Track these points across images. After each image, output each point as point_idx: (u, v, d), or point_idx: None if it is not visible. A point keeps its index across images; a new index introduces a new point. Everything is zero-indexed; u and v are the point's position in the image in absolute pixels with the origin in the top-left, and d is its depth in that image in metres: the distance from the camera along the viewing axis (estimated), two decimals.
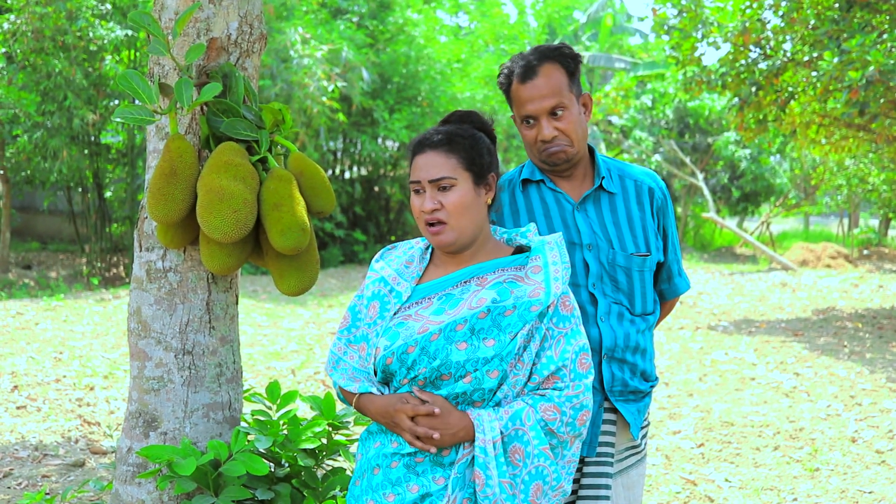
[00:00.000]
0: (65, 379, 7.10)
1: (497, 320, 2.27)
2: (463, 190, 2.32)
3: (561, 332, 2.33)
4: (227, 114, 2.75)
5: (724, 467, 5.54)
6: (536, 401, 2.30)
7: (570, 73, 2.61)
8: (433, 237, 2.34)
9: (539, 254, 2.37)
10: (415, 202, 2.35)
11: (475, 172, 2.35)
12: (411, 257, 2.45)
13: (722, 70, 11.44)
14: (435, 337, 2.27)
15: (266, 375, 7.55)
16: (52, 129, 12.68)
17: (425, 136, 2.37)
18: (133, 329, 2.93)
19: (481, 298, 2.30)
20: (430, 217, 2.32)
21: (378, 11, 18.14)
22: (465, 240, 2.35)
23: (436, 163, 2.32)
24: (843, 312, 12.26)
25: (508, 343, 2.25)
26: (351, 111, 17.20)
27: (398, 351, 2.29)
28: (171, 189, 2.63)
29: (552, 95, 2.57)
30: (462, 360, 2.25)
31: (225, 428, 2.96)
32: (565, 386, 2.31)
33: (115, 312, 10.62)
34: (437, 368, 2.26)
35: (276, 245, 2.65)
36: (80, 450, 5.36)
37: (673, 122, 23.65)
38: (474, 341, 2.26)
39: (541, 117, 2.59)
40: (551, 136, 2.59)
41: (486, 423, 2.25)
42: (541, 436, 2.27)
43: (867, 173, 20.35)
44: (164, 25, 2.85)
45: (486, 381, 2.26)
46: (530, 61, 2.60)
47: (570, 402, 2.30)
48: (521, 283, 2.34)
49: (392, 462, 2.32)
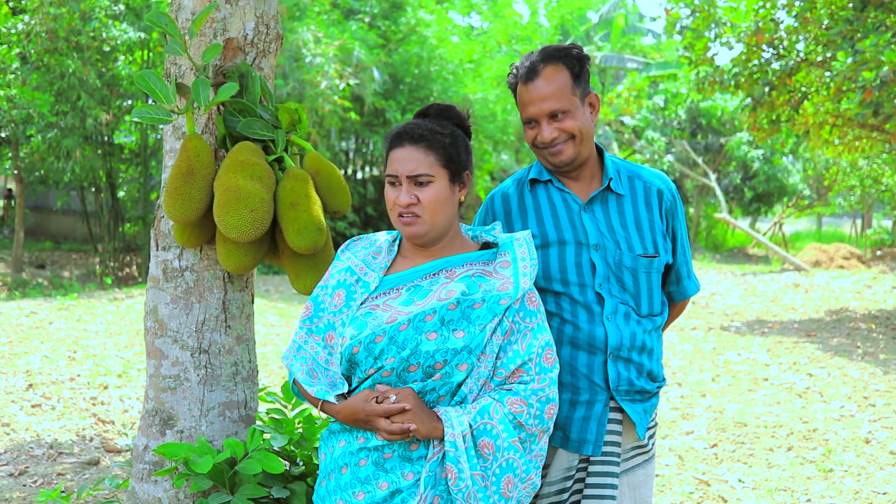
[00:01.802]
0: (79, 378, 7.13)
1: (466, 313, 2.28)
2: (439, 187, 2.34)
3: (527, 327, 2.35)
4: (244, 113, 2.77)
5: (737, 468, 5.53)
6: (503, 395, 2.31)
7: (574, 75, 2.60)
8: (405, 228, 2.35)
9: (508, 249, 2.40)
10: (389, 194, 2.36)
11: (452, 170, 2.37)
12: (378, 248, 2.46)
13: (735, 70, 11.41)
14: (404, 327, 2.28)
15: (279, 375, 7.56)
16: (65, 129, 12.73)
17: (404, 129, 2.38)
18: (149, 328, 2.94)
19: (450, 290, 2.32)
20: (405, 210, 2.33)
21: (390, 12, 18.15)
22: (435, 234, 2.37)
23: (414, 158, 2.33)
24: (856, 313, 12.21)
25: (478, 334, 2.26)
26: (363, 111, 17.22)
27: (366, 340, 2.29)
28: (188, 188, 2.64)
29: (552, 98, 2.56)
30: (432, 349, 2.26)
31: (241, 426, 2.97)
32: (531, 379, 2.32)
33: (129, 312, 10.66)
34: (406, 359, 2.26)
35: (293, 244, 2.66)
36: (95, 448, 5.38)
37: (685, 122, 23.60)
38: (444, 332, 2.27)
39: (540, 119, 2.59)
40: (550, 139, 2.59)
41: (454, 418, 2.25)
42: (509, 429, 2.28)
43: (881, 174, 20.26)
44: (181, 25, 2.87)
45: (456, 374, 2.27)
46: (534, 62, 2.59)
47: (537, 395, 2.32)
48: (490, 277, 2.36)
49: (360, 460, 2.32)
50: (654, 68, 24.85)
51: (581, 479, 2.63)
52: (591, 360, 2.60)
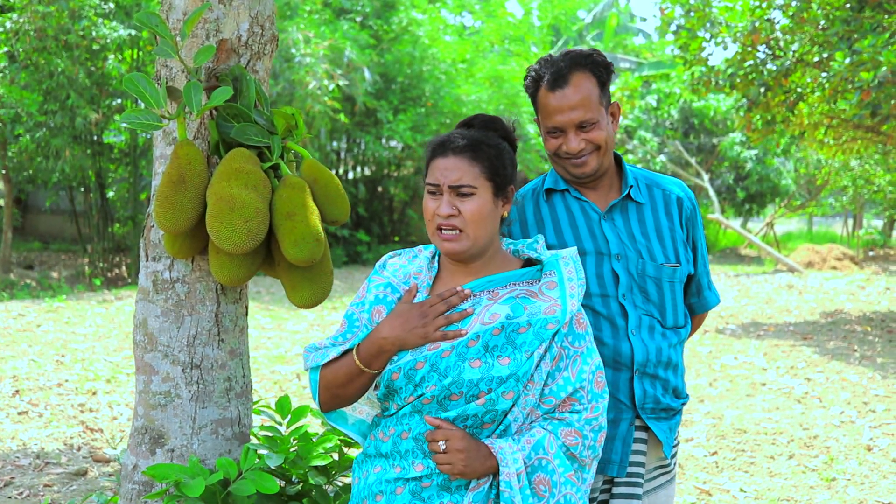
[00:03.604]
0: (67, 383, 7.01)
1: (511, 337, 2.15)
2: (483, 199, 2.20)
3: (577, 352, 2.23)
4: (238, 118, 2.64)
5: (738, 476, 5.44)
6: (556, 426, 2.19)
7: (601, 84, 2.48)
8: (444, 243, 2.21)
9: (554, 269, 2.26)
10: (429, 204, 2.22)
11: (496, 183, 2.24)
12: (419, 268, 2.33)
13: (730, 70, 11.33)
14: (447, 353, 2.15)
15: (271, 380, 7.45)
16: (54, 128, 12.60)
17: (449, 138, 2.25)
18: (139, 342, 2.82)
19: (494, 314, 2.18)
20: (445, 223, 2.19)
21: (382, 11, 18.03)
22: (476, 250, 2.23)
23: (458, 168, 2.19)
24: (850, 315, 12.16)
25: (525, 362, 2.13)
26: (354, 111, 17.10)
27: (405, 367, 2.18)
28: (180, 197, 2.52)
29: (581, 108, 2.44)
30: (476, 378, 2.13)
31: (234, 444, 2.85)
32: (583, 408, 2.20)
33: (118, 314, 10.53)
34: (447, 387, 2.14)
35: (290, 256, 2.53)
36: (83, 458, 5.26)
37: (678, 122, 23.55)
38: (488, 359, 2.14)
39: (568, 130, 2.47)
40: (578, 150, 2.47)
41: (508, 455, 2.13)
42: (565, 462, 2.17)
43: (873, 174, 20.24)
44: (172, 26, 2.74)
45: (501, 402, 2.14)
46: (561, 68, 2.46)
47: (590, 425, 2.20)
48: (535, 298, 2.22)
49: (396, 488, 2.20)
50: (646, 68, 24.79)
51: (604, 501, 2.53)
52: (617, 378, 2.49)
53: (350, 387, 2.26)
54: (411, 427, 2.21)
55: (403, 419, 2.22)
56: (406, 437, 2.21)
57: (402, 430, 2.22)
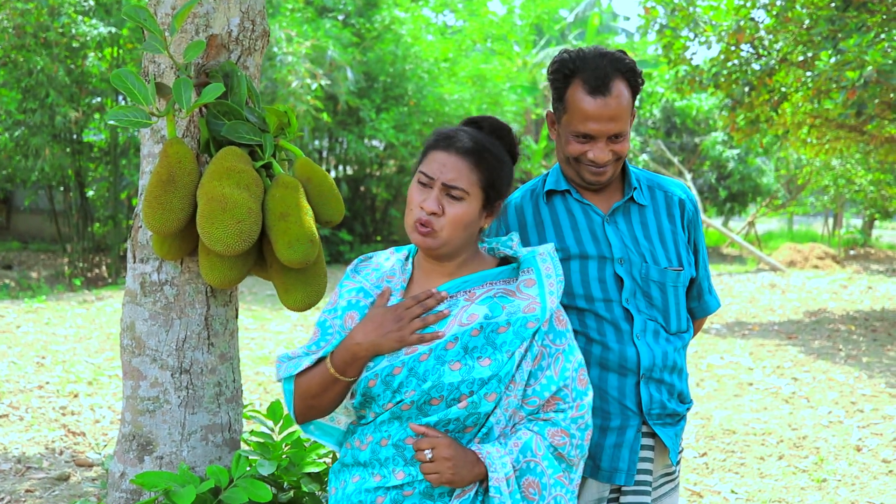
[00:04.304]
0: (48, 385, 6.90)
1: (491, 338, 2.09)
2: (470, 207, 2.14)
3: (559, 349, 2.17)
4: (229, 116, 2.56)
5: (729, 478, 5.40)
6: (542, 427, 2.13)
7: (634, 94, 2.40)
8: (417, 235, 2.13)
9: (531, 266, 2.20)
10: (416, 194, 2.15)
11: (489, 196, 2.17)
12: (392, 270, 2.25)
13: (714, 70, 11.30)
14: (425, 357, 2.09)
15: (255, 381, 7.36)
16: (33, 126, 12.46)
17: (456, 134, 2.16)
18: (126, 346, 2.74)
19: (472, 314, 2.12)
20: (426, 218, 2.12)
21: (365, 9, 17.94)
22: (448, 250, 2.17)
23: (457, 168, 2.12)
24: (834, 314, 12.18)
25: (506, 362, 2.07)
26: (337, 110, 17.01)
27: (382, 373, 2.10)
28: (169, 197, 2.44)
29: (620, 119, 2.35)
30: (456, 381, 2.06)
31: (224, 451, 2.77)
32: (569, 407, 2.15)
33: (99, 315, 10.41)
34: (427, 391, 2.07)
35: (283, 258, 2.46)
36: (65, 462, 5.15)
37: (660, 121, 23.58)
38: (468, 361, 2.07)
39: (599, 139, 2.37)
40: (606, 161, 2.39)
41: (496, 460, 2.06)
42: (554, 464, 2.12)
43: (854, 174, 20.32)
44: (161, 21, 2.67)
45: (483, 404, 2.07)
46: (605, 73, 2.34)
47: (577, 424, 2.15)
48: (513, 297, 2.16)
49: (377, 498, 2.12)
50: None
51: None
52: (623, 383, 2.42)
53: (325, 396, 2.18)
54: (391, 434, 2.13)
55: (382, 426, 2.15)
56: (385, 444, 2.14)
57: (381, 438, 2.14)
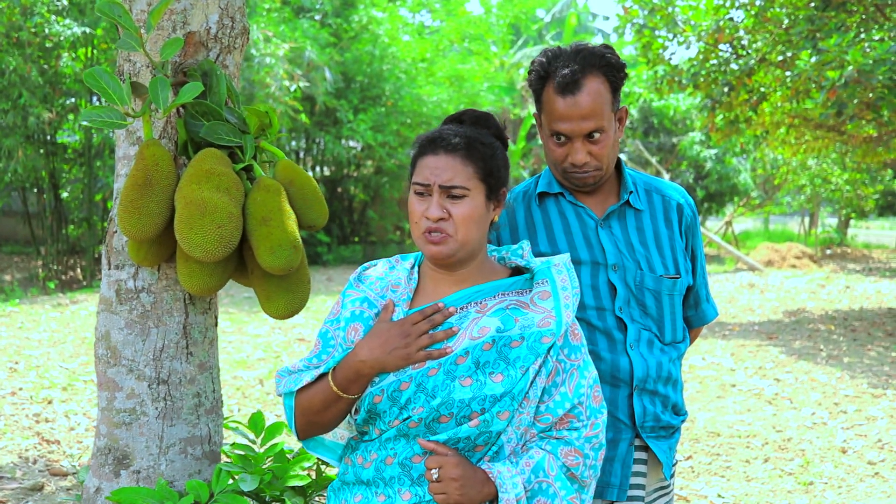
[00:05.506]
0: (21, 392, 6.75)
1: (503, 352, 1.98)
2: (475, 202, 2.03)
3: (573, 365, 2.06)
4: (208, 117, 2.46)
5: (715, 481, 5.34)
6: (555, 445, 2.03)
7: (613, 89, 2.30)
8: (431, 246, 2.03)
9: (546, 277, 2.09)
10: (416, 206, 2.04)
11: (490, 185, 2.07)
12: (398, 279, 2.14)
13: (693, 70, 11.27)
14: (434, 372, 1.98)
15: (233, 385, 7.24)
16: (6, 127, 12.29)
17: (440, 134, 2.07)
18: (101, 356, 2.63)
19: (483, 327, 2.02)
20: (434, 226, 2.01)
21: (342, 9, 17.84)
22: (464, 255, 2.06)
23: (451, 167, 2.02)
24: (813, 314, 12.19)
25: (520, 379, 1.97)
26: (314, 111, 16.89)
27: (389, 388, 2.00)
28: (146, 201, 2.34)
29: (593, 117, 2.25)
30: (467, 398, 1.96)
31: (204, 464, 2.67)
32: (582, 425, 2.05)
33: (73, 318, 10.24)
34: (436, 408, 1.96)
35: (265, 264, 2.36)
36: (39, 471, 5.03)
37: (638, 121, 23.59)
38: (480, 376, 1.97)
39: (575, 139, 2.29)
40: (583, 161, 2.30)
41: (507, 480, 1.97)
42: (567, 485, 2.02)
43: (830, 173, 20.41)
44: (136, 17, 2.56)
45: (496, 423, 1.97)
46: (574, 71, 2.25)
47: (590, 443, 2.05)
48: (527, 309, 2.06)
49: None
50: None
51: None
52: (615, 394, 2.33)
53: (327, 413, 2.08)
54: (397, 452, 2.03)
55: (387, 443, 2.04)
56: (391, 462, 2.03)
57: (387, 455, 2.04)
